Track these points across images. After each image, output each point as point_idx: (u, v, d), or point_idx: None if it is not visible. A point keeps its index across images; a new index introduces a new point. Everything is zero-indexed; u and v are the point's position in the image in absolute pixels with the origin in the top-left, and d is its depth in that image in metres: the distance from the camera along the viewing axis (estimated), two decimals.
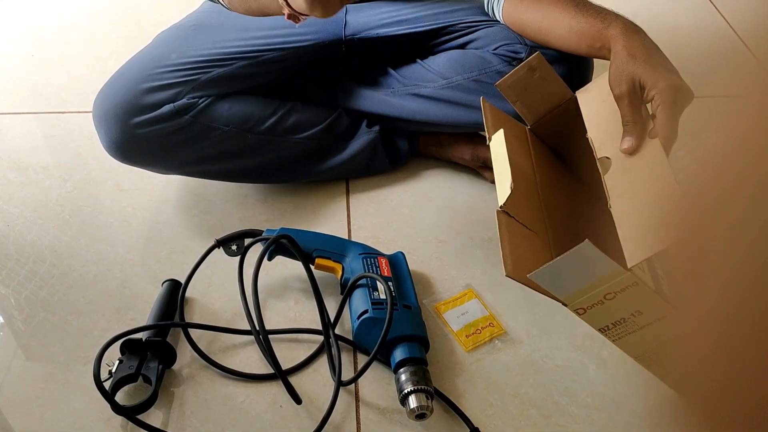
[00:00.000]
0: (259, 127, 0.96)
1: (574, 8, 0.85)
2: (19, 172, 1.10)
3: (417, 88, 1.01)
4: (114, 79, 0.92)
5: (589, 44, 0.83)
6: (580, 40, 0.84)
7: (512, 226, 0.69)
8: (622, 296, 0.63)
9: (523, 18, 0.93)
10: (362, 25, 1.02)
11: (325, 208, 1.04)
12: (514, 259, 0.66)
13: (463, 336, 0.86)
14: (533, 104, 0.85)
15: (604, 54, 0.81)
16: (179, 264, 0.95)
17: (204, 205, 1.04)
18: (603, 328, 0.68)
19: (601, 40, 0.80)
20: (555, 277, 0.63)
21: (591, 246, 0.59)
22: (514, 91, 0.83)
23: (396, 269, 0.90)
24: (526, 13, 0.92)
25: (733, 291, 0.18)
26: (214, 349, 0.85)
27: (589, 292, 0.63)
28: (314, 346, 0.85)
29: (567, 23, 0.85)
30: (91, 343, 0.84)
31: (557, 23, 0.87)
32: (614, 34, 0.78)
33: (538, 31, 0.91)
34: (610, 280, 0.62)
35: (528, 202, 0.75)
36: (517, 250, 0.68)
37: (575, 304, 0.65)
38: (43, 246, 0.98)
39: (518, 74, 0.82)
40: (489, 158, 1.03)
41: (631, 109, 0.73)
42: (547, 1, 0.89)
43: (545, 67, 0.82)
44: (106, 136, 0.91)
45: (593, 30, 0.81)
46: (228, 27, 0.97)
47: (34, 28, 1.44)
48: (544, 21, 0.89)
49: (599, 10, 0.84)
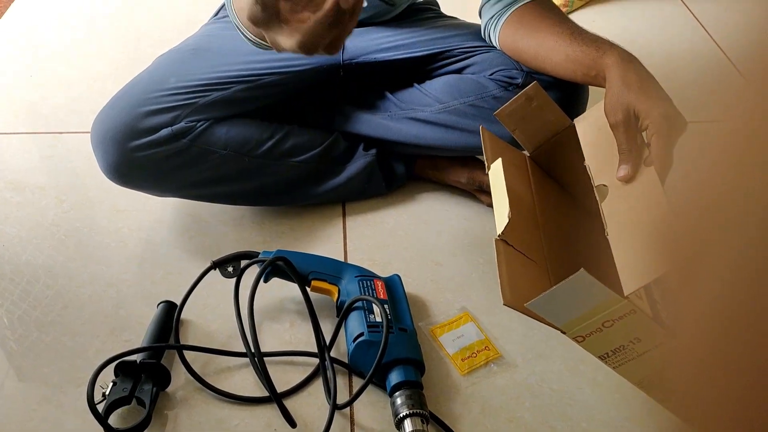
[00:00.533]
0: (257, 151, 0.97)
1: (569, 36, 0.86)
2: (15, 192, 1.10)
3: (414, 112, 1.02)
4: (112, 102, 0.92)
5: (585, 72, 0.84)
6: (575, 68, 0.85)
7: (510, 255, 0.70)
8: (620, 324, 0.63)
9: (520, 45, 0.94)
10: (360, 50, 1.03)
11: (322, 230, 1.04)
12: (512, 288, 0.66)
13: (459, 359, 0.86)
14: (532, 132, 0.86)
15: (599, 82, 0.82)
16: (175, 285, 0.95)
17: (200, 227, 1.04)
18: (603, 356, 0.68)
19: (596, 68, 0.81)
20: (552, 305, 0.63)
21: (586, 275, 0.59)
22: (512, 119, 0.84)
23: (392, 292, 0.90)
24: (523, 40, 0.93)
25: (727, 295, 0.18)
26: (208, 371, 0.85)
27: (587, 320, 0.64)
28: (309, 368, 0.85)
29: (563, 51, 0.86)
30: (85, 365, 0.84)
31: (553, 51, 0.88)
32: (609, 63, 0.79)
33: (534, 57, 0.92)
34: (607, 307, 0.62)
35: (526, 230, 0.75)
36: (515, 278, 0.68)
37: (574, 332, 0.65)
38: (38, 266, 0.98)
39: (516, 103, 0.83)
40: (485, 182, 1.04)
41: (627, 137, 0.74)
42: (544, 29, 0.90)
43: (542, 96, 0.83)
44: (103, 159, 0.91)
45: (588, 58, 0.83)
46: (226, 51, 0.98)
47: (33, 48, 1.45)
48: (540, 48, 0.90)
49: (594, 38, 0.85)
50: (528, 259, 0.72)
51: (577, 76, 0.86)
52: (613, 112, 0.76)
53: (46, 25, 1.53)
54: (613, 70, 0.78)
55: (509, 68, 0.97)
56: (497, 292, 0.95)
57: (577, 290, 0.61)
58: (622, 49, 0.81)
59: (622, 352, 0.67)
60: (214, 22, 1.10)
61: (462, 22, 1.11)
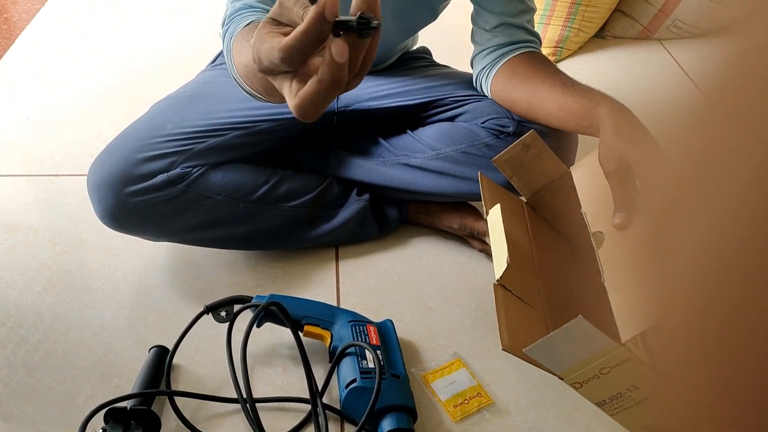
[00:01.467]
0: (251, 196, 0.98)
1: (561, 87, 0.89)
2: (9, 234, 1.10)
3: (407, 158, 1.03)
4: (109, 149, 0.93)
5: (578, 122, 0.86)
6: (568, 118, 0.87)
7: (509, 300, 0.70)
8: (617, 371, 0.64)
9: (512, 94, 0.96)
10: (354, 98, 1.05)
11: (315, 274, 1.05)
12: (510, 334, 0.67)
13: (451, 406, 0.86)
14: (529, 179, 0.88)
15: (592, 132, 0.84)
16: (167, 329, 0.94)
17: (194, 270, 1.04)
18: (600, 403, 0.68)
19: (590, 119, 0.84)
20: (550, 351, 0.64)
21: (584, 321, 0.60)
22: (509, 166, 0.86)
23: (384, 337, 0.90)
24: (515, 90, 0.95)
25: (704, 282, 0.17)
26: (199, 417, 0.84)
27: (585, 367, 0.64)
28: (301, 414, 0.84)
29: (555, 101, 0.89)
30: (75, 411, 0.83)
31: (546, 101, 0.90)
32: (602, 113, 0.82)
33: (527, 107, 0.94)
34: (604, 354, 0.63)
35: (524, 276, 0.76)
36: (514, 323, 0.69)
37: (571, 378, 0.65)
38: (28, 309, 0.98)
39: (513, 151, 0.85)
40: (476, 228, 1.06)
41: (620, 185, 0.76)
42: (536, 80, 0.92)
43: (539, 144, 0.85)
44: (99, 204, 0.91)
45: (582, 109, 0.85)
46: (223, 98, 0.99)
47: (30, 91, 1.47)
48: (533, 98, 0.93)
49: (586, 89, 0.87)
50: (526, 304, 0.72)
51: (570, 126, 0.88)
52: (606, 161, 0.78)
53: (43, 68, 1.55)
54: (606, 121, 0.80)
55: (501, 117, 0.99)
56: (490, 337, 0.95)
57: (574, 336, 0.61)
58: (613, 100, 0.84)
59: (619, 400, 0.67)
60: (212, 69, 1.12)
61: (454, 70, 1.14)
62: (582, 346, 0.62)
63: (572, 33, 1.62)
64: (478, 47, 1.01)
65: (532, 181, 0.88)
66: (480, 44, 1.01)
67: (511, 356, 0.92)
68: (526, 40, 0.98)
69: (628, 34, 1.73)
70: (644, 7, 1.68)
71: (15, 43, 1.65)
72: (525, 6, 0.98)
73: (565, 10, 1.60)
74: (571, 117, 0.87)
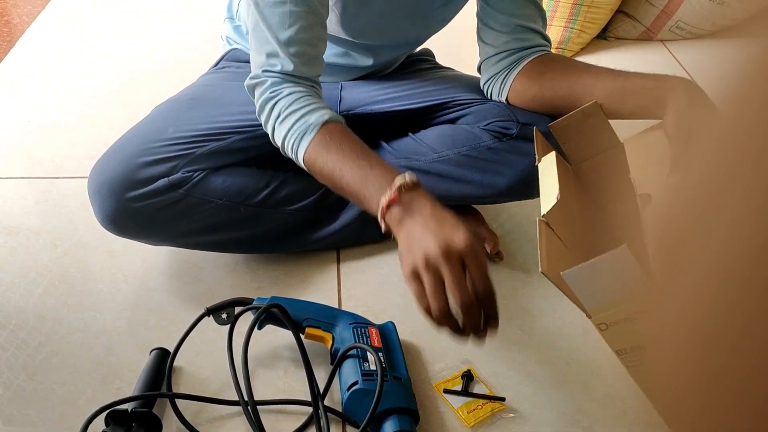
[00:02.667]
0: (252, 200, 0.98)
1: (609, 73, 0.89)
2: (9, 236, 1.10)
3: (409, 161, 1.03)
4: (110, 153, 0.93)
5: (636, 103, 0.85)
6: (624, 99, 0.86)
7: (550, 236, 0.69)
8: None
9: (548, 90, 0.95)
10: (357, 102, 1.05)
11: (316, 276, 1.05)
12: (549, 260, 0.65)
13: (465, 412, 0.85)
14: (581, 147, 0.87)
15: (650, 112, 0.83)
16: (168, 332, 0.94)
17: (194, 273, 1.04)
18: (621, 350, 0.66)
19: (654, 95, 0.83)
20: (587, 280, 0.61)
21: (627, 252, 0.58)
22: (565, 133, 0.86)
23: (386, 340, 0.89)
24: (551, 84, 0.94)
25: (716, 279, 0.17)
26: (200, 420, 0.84)
27: (616, 307, 0.62)
28: (303, 417, 0.84)
29: (607, 86, 0.88)
30: (76, 413, 0.83)
31: (594, 87, 0.89)
32: (675, 84, 0.82)
33: (567, 99, 0.92)
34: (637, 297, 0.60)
35: (565, 223, 0.75)
36: (553, 255, 0.67)
37: (599, 317, 0.63)
38: (29, 312, 0.98)
39: (572, 119, 0.84)
40: (477, 232, 1.05)
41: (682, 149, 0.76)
42: (575, 72, 0.92)
43: (600, 115, 0.84)
44: (100, 209, 0.91)
45: (643, 88, 0.84)
46: (225, 101, 0.99)
47: (30, 93, 1.47)
48: (575, 89, 0.91)
49: (639, 73, 0.87)
50: (564, 245, 0.71)
51: (625, 109, 0.86)
52: (674, 124, 0.78)
53: (43, 70, 1.55)
54: (679, 90, 0.80)
55: (504, 119, 0.99)
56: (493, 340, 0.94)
57: (615, 268, 0.59)
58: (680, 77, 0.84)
59: (640, 352, 0.65)
60: (213, 72, 1.11)
61: (458, 73, 1.14)
62: (620, 282, 0.60)
63: (574, 34, 1.62)
64: (491, 49, 0.99)
65: (583, 149, 0.87)
66: (493, 46, 0.99)
67: (514, 358, 0.92)
68: (541, 45, 0.98)
69: (631, 36, 1.73)
70: (647, 8, 1.68)
71: (15, 45, 1.65)
72: (538, 10, 0.98)
73: (567, 11, 1.60)
74: (628, 98, 0.85)
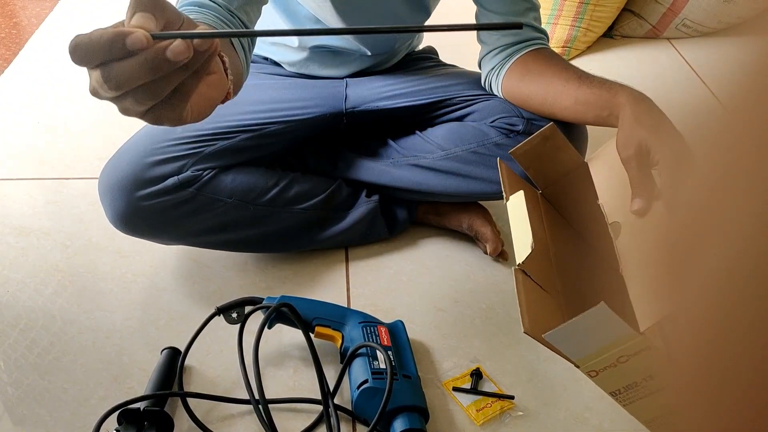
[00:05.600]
0: (261, 199, 0.98)
1: (577, 80, 0.89)
2: (20, 237, 1.11)
3: (416, 159, 1.03)
4: (120, 153, 0.94)
5: (596, 114, 0.86)
6: (586, 110, 0.88)
7: (528, 285, 0.70)
8: (635, 360, 0.63)
9: (526, 92, 0.96)
10: (362, 99, 1.05)
11: (325, 275, 1.05)
12: (531, 317, 0.66)
13: (474, 410, 0.85)
14: (546, 171, 0.87)
15: (611, 122, 0.84)
16: (178, 331, 0.95)
17: (204, 272, 1.05)
18: (614, 392, 0.67)
19: (609, 108, 0.84)
20: (570, 338, 0.63)
21: (606, 308, 0.59)
22: (527, 158, 0.86)
23: (395, 338, 0.90)
24: (529, 86, 0.95)
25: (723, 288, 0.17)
26: (212, 418, 0.84)
27: (603, 355, 0.63)
28: (313, 415, 0.85)
29: (572, 94, 0.89)
30: (88, 413, 0.84)
31: (562, 95, 0.91)
32: (622, 101, 0.82)
33: (542, 103, 0.95)
34: (624, 342, 0.62)
35: (542, 264, 0.75)
36: (534, 308, 0.68)
37: (588, 366, 0.65)
38: (39, 311, 0.98)
39: (532, 143, 0.84)
40: (480, 232, 1.06)
41: (639, 172, 0.76)
42: (549, 75, 0.93)
43: (558, 136, 0.85)
44: (111, 208, 0.92)
45: (600, 100, 0.85)
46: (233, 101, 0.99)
47: (40, 95, 1.48)
48: (548, 93, 0.93)
49: (602, 81, 0.88)
50: (544, 291, 0.72)
51: (588, 118, 0.88)
52: (625, 147, 0.78)
53: (53, 71, 1.56)
54: (626, 108, 0.81)
55: (510, 115, 0.99)
56: (500, 338, 0.95)
57: (595, 323, 0.60)
58: (632, 89, 0.84)
59: (634, 389, 0.66)
60: None
61: (462, 70, 1.14)
62: (602, 334, 0.61)
63: (580, 32, 1.62)
64: (486, 47, 1.01)
65: (548, 172, 0.87)
66: (487, 44, 1.01)
67: (522, 356, 0.93)
68: (535, 38, 0.98)
69: (637, 34, 1.72)
70: (653, 6, 1.68)
71: (24, 47, 1.66)
72: (530, 3, 0.98)
73: (573, 9, 1.60)
74: (589, 108, 0.87)
